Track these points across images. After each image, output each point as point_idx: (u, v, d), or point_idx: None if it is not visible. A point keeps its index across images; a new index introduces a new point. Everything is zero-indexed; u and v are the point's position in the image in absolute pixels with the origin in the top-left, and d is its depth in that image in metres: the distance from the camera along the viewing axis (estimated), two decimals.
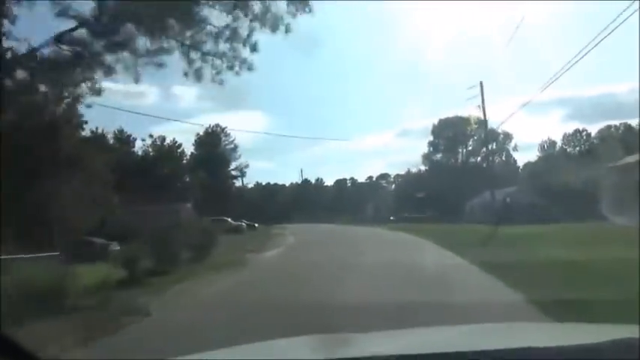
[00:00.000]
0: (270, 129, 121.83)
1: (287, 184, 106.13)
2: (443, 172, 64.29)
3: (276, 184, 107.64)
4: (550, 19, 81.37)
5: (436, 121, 72.80)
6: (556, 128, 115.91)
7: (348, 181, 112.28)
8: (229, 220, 39.44)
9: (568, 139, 76.06)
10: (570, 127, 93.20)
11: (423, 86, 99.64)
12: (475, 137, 72.23)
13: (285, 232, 39.44)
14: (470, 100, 39.36)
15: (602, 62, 78.89)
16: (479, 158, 72.46)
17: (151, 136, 61.48)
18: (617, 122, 72.46)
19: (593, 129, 74.39)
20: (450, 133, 71.02)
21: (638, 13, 14.40)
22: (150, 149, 59.60)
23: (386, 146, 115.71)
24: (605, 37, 16.66)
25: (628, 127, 71.72)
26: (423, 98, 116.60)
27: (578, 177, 48.16)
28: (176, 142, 62.55)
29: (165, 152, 59.07)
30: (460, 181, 59.11)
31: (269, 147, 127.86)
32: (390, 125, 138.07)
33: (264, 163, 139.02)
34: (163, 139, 61.41)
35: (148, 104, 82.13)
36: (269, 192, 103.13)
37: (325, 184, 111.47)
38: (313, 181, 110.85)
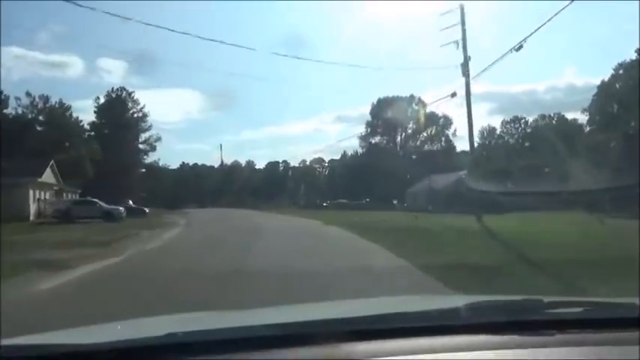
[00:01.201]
0: (204, 110, 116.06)
1: (216, 166, 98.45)
2: (381, 156, 59.66)
3: (204, 166, 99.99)
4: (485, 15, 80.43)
5: (375, 102, 68.04)
6: (484, 120, 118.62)
7: (280, 165, 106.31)
8: (100, 203, 31.65)
9: (507, 126, 74.89)
10: (496, 120, 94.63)
11: (359, 73, 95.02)
12: (413, 121, 68.84)
13: (179, 220, 31.79)
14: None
15: (525, 62, 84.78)
16: (418, 142, 68.69)
17: (28, 94, 50.93)
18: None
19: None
20: (388, 114, 66.62)
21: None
22: (27, 111, 49.84)
23: (321, 132, 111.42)
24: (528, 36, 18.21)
25: (561, 117, 72.78)
26: (360, 85, 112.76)
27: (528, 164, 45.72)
28: (64, 104, 52.57)
29: (50, 116, 49.58)
30: (400, 166, 54.84)
31: (201, 128, 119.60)
32: (326, 110, 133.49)
33: (197, 144, 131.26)
34: (47, 99, 51.31)
35: (71, 77, 72.78)
36: (195, 174, 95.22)
37: (257, 166, 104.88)
38: (244, 164, 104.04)
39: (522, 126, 74.88)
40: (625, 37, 74.92)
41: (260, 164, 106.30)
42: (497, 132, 72.75)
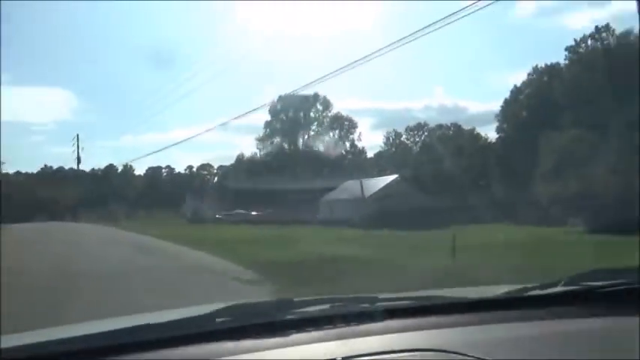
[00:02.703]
0: (77, 112, 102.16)
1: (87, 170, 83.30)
2: (283, 159, 51.79)
3: (71, 169, 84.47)
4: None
5: (276, 99, 59.85)
6: (368, 134, 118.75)
7: (164, 170, 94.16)
8: None
9: (411, 132, 72.26)
10: (378, 135, 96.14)
11: (245, 82, 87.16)
12: (316, 122, 62.36)
13: None
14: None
15: (401, 80, 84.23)
16: (321, 146, 61.88)
17: None
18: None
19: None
20: (290, 114, 59.18)
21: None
22: None
23: (209, 139, 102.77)
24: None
25: (458, 127, 72.74)
26: (248, 94, 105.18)
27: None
28: None
29: None
30: (307, 171, 47.43)
31: (77, 130, 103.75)
32: (212, 119, 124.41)
33: (68, 148, 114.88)
34: None
35: None
36: (57, 179, 79.70)
37: (137, 172, 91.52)
38: (120, 169, 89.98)
39: (425, 133, 73.19)
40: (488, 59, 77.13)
41: (140, 170, 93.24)
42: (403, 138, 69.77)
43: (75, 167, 74.88)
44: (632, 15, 45.33)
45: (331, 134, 61.45)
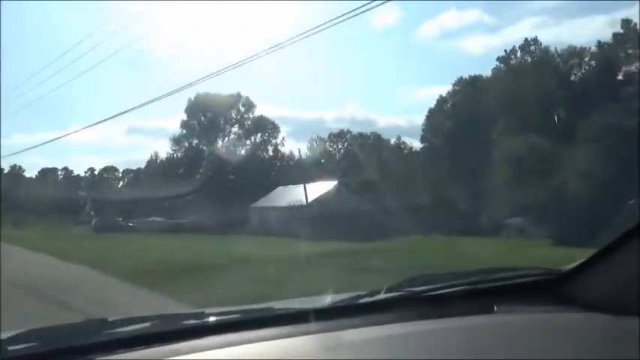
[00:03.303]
0: None
1: None
2: (202, 162, 47.35)
3: None
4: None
5: (192, 98, 55.12)
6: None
7: (60, 172, 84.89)
8: None
9: (334, 139, 71.06)
10: (293, 144, 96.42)
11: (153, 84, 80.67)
12: (237, 124, 58.56)
13: None
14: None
15: (315, 91, 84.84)
16: (242, 150, 58.03)
17: None
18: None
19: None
20: (208, 114, 54.73)
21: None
22: None
23: (112, 142, 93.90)
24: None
25: (377, 136, 73.58)
26: (157, 96, 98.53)
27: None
28: None
29: None
30: (226, 175, 43.55)
31: None
32: (118, 122, 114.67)
33: None
34: None
35: None
36: None
37: (27, 174, 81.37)
38: (7, 169, 79.28)
39: (348, 140, 72.59)
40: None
41: (32, 172, 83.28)
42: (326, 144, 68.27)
43: None
44: (518, 40, 47.15)
45: (252, 138, 57.91)
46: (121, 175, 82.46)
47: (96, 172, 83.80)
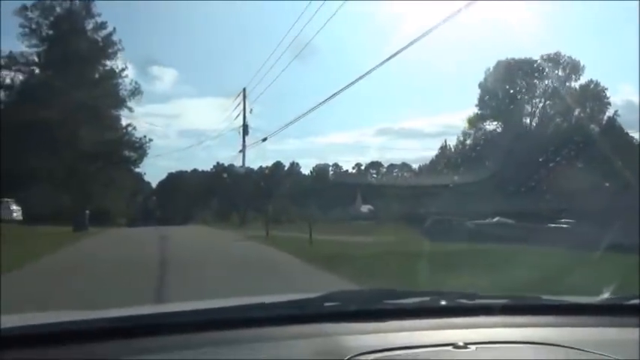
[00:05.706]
0: (248, 117, 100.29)
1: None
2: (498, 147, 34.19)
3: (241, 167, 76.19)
4: None
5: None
6: None
7: (330, 169, 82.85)
8: None
9: None
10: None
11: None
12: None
13: None
14: None
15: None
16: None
17: None
18: None
19: None
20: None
21: None
22: None
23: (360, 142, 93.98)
24: None
25: None
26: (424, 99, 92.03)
27: None
28: None
29: None
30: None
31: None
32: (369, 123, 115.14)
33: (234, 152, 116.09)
34: None
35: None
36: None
37: (303, 172, 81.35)
38: (287, 166, 79.92)
39: None
40: None
41: (306, 170, 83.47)
42: None
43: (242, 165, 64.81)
44: None
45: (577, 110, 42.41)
46: (384, 170, 76.48)
47: (362, 168, 79.60)
